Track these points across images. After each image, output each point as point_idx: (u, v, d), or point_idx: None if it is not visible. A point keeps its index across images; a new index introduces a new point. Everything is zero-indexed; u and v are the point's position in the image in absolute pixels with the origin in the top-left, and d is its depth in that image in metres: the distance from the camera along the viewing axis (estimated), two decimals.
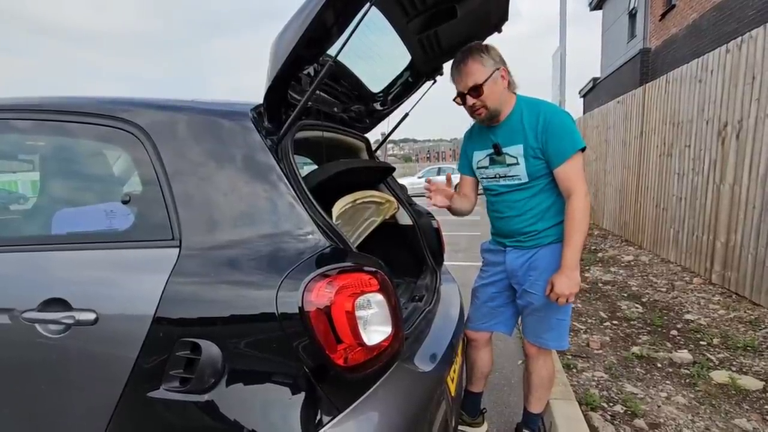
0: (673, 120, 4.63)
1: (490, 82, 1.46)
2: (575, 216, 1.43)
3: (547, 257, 1.54)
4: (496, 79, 1.47)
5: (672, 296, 3.65)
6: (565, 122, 1.46)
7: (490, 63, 1.47)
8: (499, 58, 1.50)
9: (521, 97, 1.57)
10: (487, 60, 1.47)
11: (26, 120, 1.21)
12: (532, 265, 1.57)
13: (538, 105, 1.51)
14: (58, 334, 1.01)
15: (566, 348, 1.63)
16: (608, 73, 14.22)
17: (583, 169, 1.45)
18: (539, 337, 1.61)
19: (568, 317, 1.61)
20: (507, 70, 1.51)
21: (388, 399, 1.02)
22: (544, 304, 1.54)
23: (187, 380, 0.94)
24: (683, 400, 2.10)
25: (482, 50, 1.48)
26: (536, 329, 1.61)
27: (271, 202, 1.06)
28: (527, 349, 1.68)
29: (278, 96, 1.19)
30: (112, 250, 1.08)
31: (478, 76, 1.46)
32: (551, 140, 1.44)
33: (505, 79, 1.50)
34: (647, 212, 5.35)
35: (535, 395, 1.71)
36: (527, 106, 1.52)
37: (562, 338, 1.60)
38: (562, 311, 1.57)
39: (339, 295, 0.94)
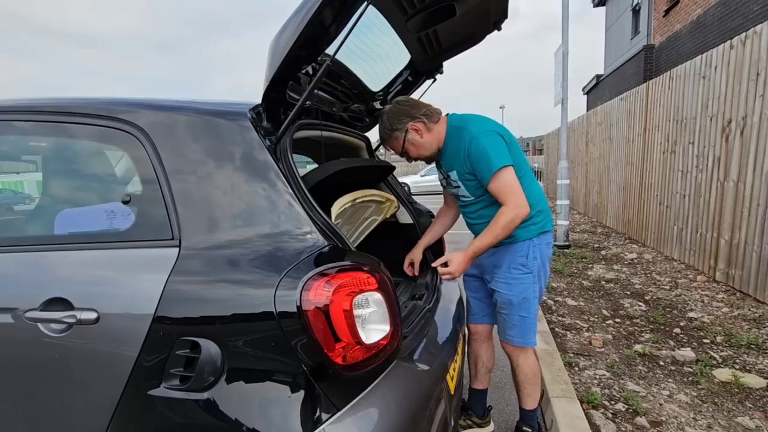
0: (677, 117, 4.60)
1: (408, 144, 1.60)
2: (499, 218, 1.48)
3: (506, 255, 1.63)
4: (411, 139, 1.60)
5: (675, 294, 3.64)
6: (481, 147, 1.49)
7: (397, 133, 1.60)
8: (403, 118, 1.58)
9: (452, 119, 1.63)
10: (393, 133, 1.60)
11: (28, 121, 1.22)
12: (495, 263, 1.66)
13: (462, 131, 1.56)
14: (60, 333, 1.02)
15: (532, 345, 1.67)
16: (611, 70, 14.13)
17: (512, 183, 1.48)
18: (506, 334, 1.68)
19: (532, 315, 1.64)
20: (418, 118, 1.57)
21: (387, 397, 1.03)
22: (506, 301, 1.63)
23: (187, 378, 0.95)
24: (686, 398, 2.09)
25: (387, 127, 1.60)
26: (503, 326, 1.68)
27: (269, 202, 1.06)
28: (503, 346, 1.73)
29: (277, 95, 1.20)
30: (112, 249, 1.09)
31: (397, 144, 1.63)
32: (474, 166, 1.53)
33: (418, 130, 1.59)
34: (651, 210, 5.32)
35: (524, 392, 1.74)
36: (455, 131, 1.59)
37: (525, 335, 1.65)
38: (525, 309, 1.62)
39: (337, 293, 0.94)
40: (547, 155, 15.69)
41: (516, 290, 1.61)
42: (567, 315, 3.27)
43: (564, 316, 3.24)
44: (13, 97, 1.29)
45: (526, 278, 1.61)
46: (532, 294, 1.62)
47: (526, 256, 1.61)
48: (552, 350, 2.54)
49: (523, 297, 1.61)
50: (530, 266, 1.61)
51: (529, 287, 1.61)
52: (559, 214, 5.80)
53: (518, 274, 1.61)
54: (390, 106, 1.64)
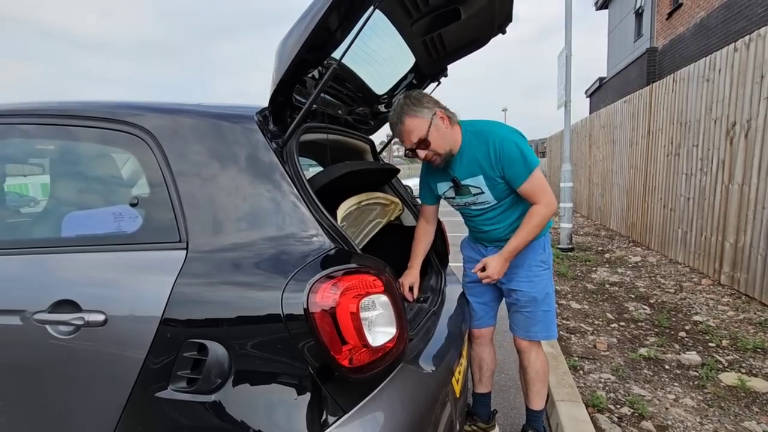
0: (681, 119, 4.59)
1: (433, 130, 1.47)
2: (533, 217, 1.50)
3: (525, 254, 1.62)
4: (438, 125, 1.48)
5: (680, 297, 3.62)
6: (515, 147, 1.47)
7: (426, 112, 1.47)
8: (432, 103, 1.51)
9: (466, 125, 1.58)
10: (421, 111, 1.47)
11: (35, 124, 1.23)
12: (513, 263, 1.62)
13: (485, 134, 1.52)
14: (69, 335, 1.02)
15: (555, 337, 1.72)
16: (615, 73, 14.11)
17: (543, 181, 1.51)
18: (528, 331, 1.68)
19: (553, 308, 1.68)
20: (443, 109, 1.52)
21: (393, 400, 1.03)
22: (530, 299, 1.64)
23: (194, 381, 0.95)
24: (692, 402, 2.08)
25: (414, 103, 1.47)
26: (525, 324, 1.68)
27: (276, 205, 1.07)
28: (518, 344, 1.73)
29: (283, 99, 1.20)
30: (120, 252, 1.09)
31: (420, 130, 1.47)
32: (507, 168, 1.50)
33: (444, 119, 1.51)
34: (655, 213, 5.30)
35: (533, 390, 1.74)
36: (474, 136, 1.54)
37: (549, 329, 1.67)
38: (547, 303, 1.65)
39: (344, 296, 0.94)
40: (549, 158, 15.67)
41: (539, 287, 1.63)
42: (571, 318, 3.26)
43: (568, 320, 3.23)
44: (20, 101, 1.30)
45: (545, 273, 1.65)
46: (551, 288, 1.67)
47: (544, 251, 1.65)
48: (557, 353, 2.53)
49: (546, 292, 1.64)
50: (548, 261, 1.67)
51: (549, 282, 1.66)
52: (563, 217, 5.79)
53: (539, 271, 1.63)
54: (411, 92, 1.53)
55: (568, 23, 5.67)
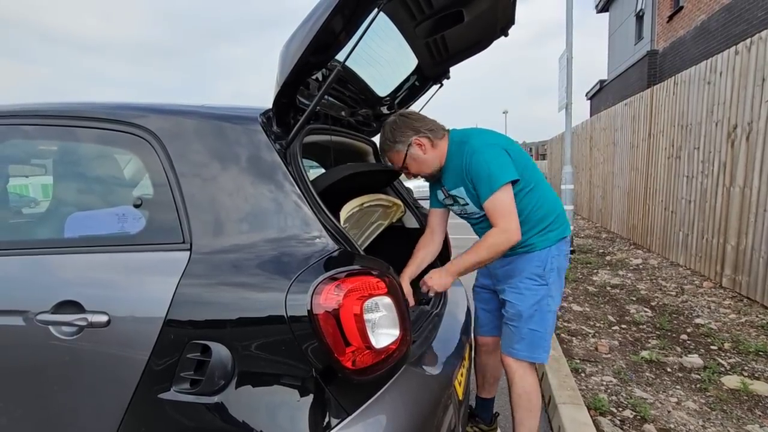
0: (682, 122, 4.60)
1: (409, 159, 1.53)
2: (485, 240, 1.44)
3: (521, 265, 1.54)
4: (413, 154, 1.53)
5: (682, 300, 3.61)
6: (482, 162, 1.43)
7: (400, 146, 1.52)
8: (410, 131, 1.51)
9: (453, 135, 1.57)
10: (395, 145, 1.53)
11: (39, 125, 1.24)
12: (509, 273, 1.57)
13: (463, 146, 1.50)
14: (71, 336, 1.02)
15: (541, 362, 1.55)
16: (615, 76, 14.14)
17: (506, 204, 1.42)
18: (511, 347, 1.55)
19: (543, 330, 1.51)
20: (421, 133, 1.51)
21: (396, 402, 1.02)
22: (516, 313, 1.53)
23: (198, 382, 0.95)
24: (694, 405, 2.07)
25: (389, 138, 1.53)
26: (510, 338, 1.56)
27: (279, 206, 1.07)
28: (503, 359, 1.60)
29: (287, 101, 1.20)
30: (123, 253, 1.09)
31: (397, 160, 1.56)
32: (475, 183, 1.47)
33: (422, 146, 1.52)
34: (656, 215, 5.30)
35: (516, 416, 1.58)
36: (457, 147, 1.53)
37: (534, 350, 1.52)
38: (536, 322, 1.50)
39: (347, 298, 0.94)
40: (550, 160, 15.68)
41: (528, 301, 1.51)
42: (572, 321, 3.25)
43: (569, 322, 3.22)
44: (23, 102, 1.30)
45: (540, 290, 1.51)
46: (546, 307, 1.51)
47: (543, 267, 1.52)
48: (558, 356, 2.53)
49: (534, 309, 1.50)
50: (547, 278, 1.51)
51: (543, 299, 1.51)
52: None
53: (532, 284, 1.51)
54: (394, 117, 1.57)
55: (569, 26, 5.68)
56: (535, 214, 1.52)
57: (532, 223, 1.52)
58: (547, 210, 1.53)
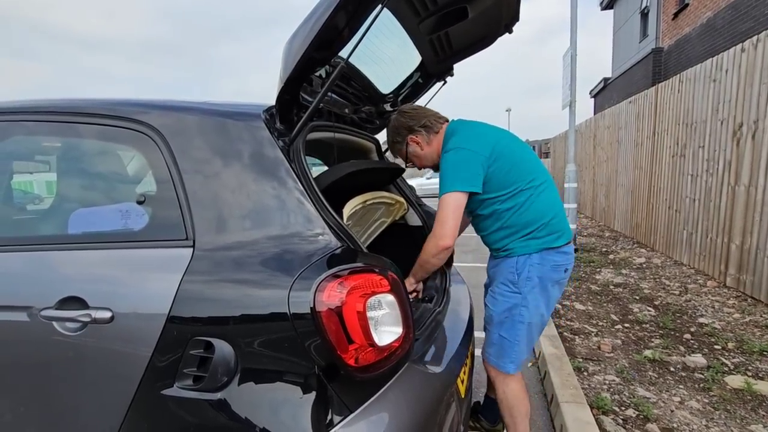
0: (687, 120, 4.56)
1: (410, 155, 1.65)
2: (424, 250, 1.49)
3: (500, 269, 1.53)
4: (412, 151, 1.63)
5: (685, 299, 3.60)
6: (444, 163, 1.46)
7: (399, 144, 1.65)
8: (403, 130, 1.61)
9: (451, 126, 1.60)
10: (395, 144, 1.66)
11: (41, 122, 1.24)
12: (494, 274, 1.59)
13: (446, 143, 1.53)
14: (75, 332, 1.02)
15: (506, 371, 1.51)
16: (619, 73, 14.05)
17: (446, 210, 1.39)
18: (485, 349, 1.59)
19: (514, 339, 1.47)
20: (417, 130, 1.59)
21: (399, 400, 1.02)
22: (488, 316, 1.57)
23: (200, 378, 0.95)
24: (697, 404, 2.07)
25: (390, 140, 1.67)
26: (485, 341, 1.59)
27: (283, 203, 1.06)
28: (484, 364, 1.62)
29: (290, 97, 1.20)
30: (127, 249, 1.09)
31: (402, 156, 1.69)
32: None
33: (418, 143, 1.61)
34: (660, 214, 5.27)
35: (505, 421, 1.59)
36: (446, 141, 1.56)
37: (501, 357, 1.50)
38: (506, 329, 1.48)
39: (350, 295, 0.94)
40: (553, 158, 15.61)
41: (499, 307, 1.49)
42: (575, 319, 3.24)
43: (572, 321, 3.21)
44: (26, 98, 1.30)
45: (513, 297, 1.46)
46: (518, 317, 1.46)
47: (517, 274, 1.46)
48: (561, 354, 2.52)
49: (505, 316, 1.47)
50: (520, 286, 1.45)
51: (514, 308, 1.46)
52: (567, 218, 5.76)
53: (505, 290, 1.48)
54: (394, 116, 1.65)
55: (573, 23, 5.64)
56: (518, 218, 1.45)
57: (513, 228, 1.46)
58: (534, 216, 1.44)
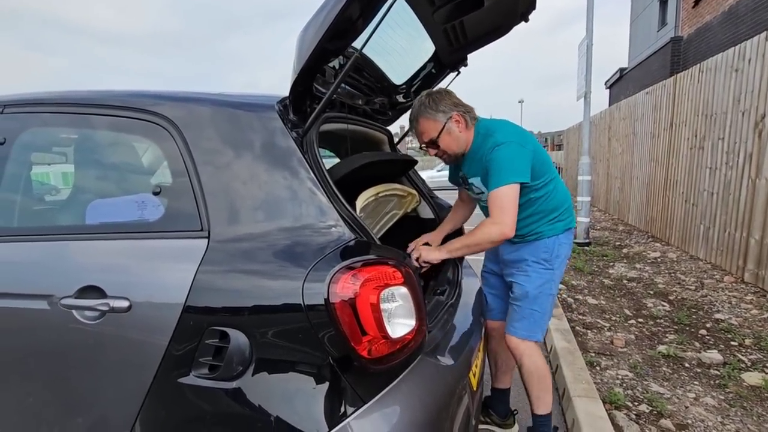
0: (706, 111, 4.44)
1: (444, 134, 1.54)
2: (479, 229, 1.46)
3: (531, 249, 1.61)
4: (450, 129, 1.54)
5: (701, 295, 3.54)
6: (503, 155, 1.45)
7: (440, 116, 1.53)
8: (451, 105, 1.53)
9: (480, 126, 1.58)
10: (436, 114, 1.53)
11: (57, 113, 1.25)
12: (519, 257, 1.64)
13: (489, 136, 1.52)
14: (94, 321, 1.04)
15: (537, 340, 1.63)
16: (636, 64, 13.72)
17: (508, 201, 1.43)
18: (511, 325, 1.64)
19: (542, 311, 1.60)
20: (461, 111, 1.54)
21: (411, 392, 1.02)
22: (522, 293, 1.61)
23: (216, 368, 0.96)
24: (713, 401, 2.04)
25: (430, 106, 1.53)
26: (512, 318, 1.64)
27: (296, 195, 1.06)
28: (507, 342, 1.67)
29: (303, 88, 1.19)
30: (143, 240, 1.11)
31: (432, 132, 1.55)
32: (489, 171, 1.49)
33: (460, 123, 1.55)
34: (676, 207, 5.17)
35: (531, 395, 1.66)
36: (483, 138, 1.55)
37: (533, 329, 1.60)
38: (539, 303, 1.59)
39: (364, 287, 0.94)
40: (566, 151, 15.38)
41: (534, 283, 1.59)
42: (588, 314, 3.21)
43: (584, 315, 3.18)
44: (40, 90, 1.32)
45: (546, 273, 1.60)
46: (548, 290, 1.61)
47: (550, 252, 1.61)
48: (573, 349, 2.50)
49: (539, 291, 1.59)
50: (553, 263, 1.61)
51: (547, 283, 1.60)
52: (580, 211, 5.69)
53: (539, 268, 1.60)
54: (436, 90, 1.59)
55: (589, 12, 5.51)
56: (547, 204, 1.59)
57: (543, 213, 1.60)
58: (558, 202, 1.61)
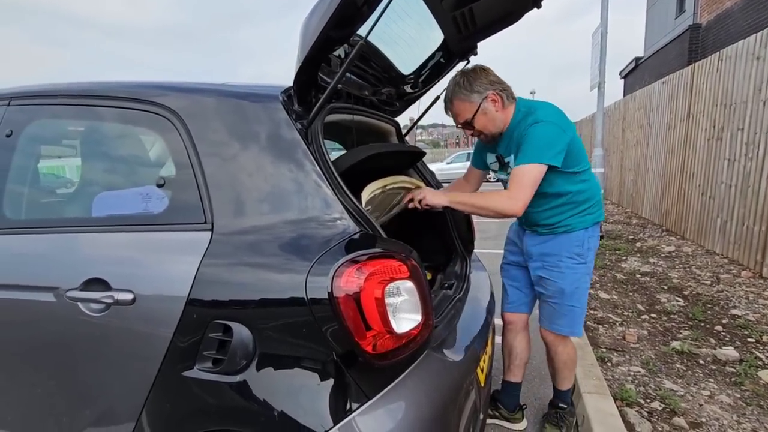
0: (725, 101, 4.31)
1: (480, 114, 1.51)
2: (491, 195, 1.43)
3: (560, 244, 1.59)
4: (486, 109, 1.50)
5: (717, 290, 3.45)
6: (540, 133, 1.41)
7: (475, 96, 1.49)
8: (486, 84, 1.49)
9: (521, 105, 1.55)
10: (471, 95, 1.49)
11: (61, 105, 1.25)
12: (547, 251, 1.61)
13: (530, 115, 1.48)
14: (99, 313, 1.04)
15: (579, 335, 1.68)
16: (652, 52, 13.36)
17: (529, 179, 1.40)
18: (553, 323, 1.65)
19: (581, 305, 1.62)
20: (499, 89, 1.50)
21: (417, 387, 1.01)
22: (557, 290, 1.59)
23: (220, 361, 0.96)
24: (728, 399, 1.99)
25: (464, 86, 1.49)
26: (551, 316, 1.65)
27: (301, 187, 1.05)
28: (544, 335, 1.71)
29: (308, 78, 1.17)
30: (147, 232, 1.10)
31: (466, 113, 1.52)
32: (521, 145, 1.45)
33: (497, 102, 1.50)
34: (692, 200, 5.05)
35: (561, 375, 1.76)
36: (524, 116, 1.51)
37: (574, 325, 1.63)
38: (575, 299, 1.59)
39: (368, 281, 0.92)
40: None
41: (569, 279, 1.57)
42: (599, 308, 3.16)
43: (596, 309, 3.13)
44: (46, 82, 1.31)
45: (580, 268, 1.58)
46: (584, 284, 1.61)
47: (582, 246, 1.58)
48: (584, 344, 2.46)
49: (575, 287, 1.57)
50: (585, 256, 1.59)
51: (582, 277, 1.59)
52: None
53: (572, 263, 1.57)
54: (473, 66, 1.56)
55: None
56: (579, 196, 1.56)
57: (574, 204, 1.56)
58: (590, 194, 1.59)
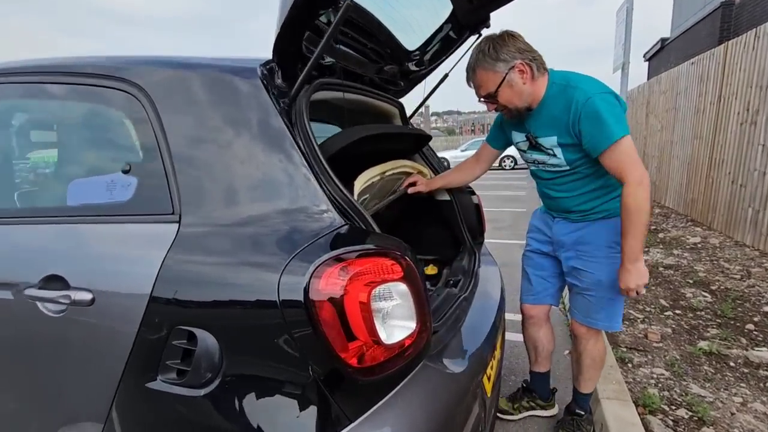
0: (761, 82, 3.99)
1: (505, 86, 1.34)
2: (627, 207, 1.27)
3: (597, 232, 1.45)
4: (512, 80, 1.33)
5: (747, 285, 3.22)
6: (599, 109, 1.25)
7: (501, 66, 1.32)
8: (514, 52, 1.32)
9: (555, 77, 1.38)
10: (496, 64, 1.32)
11: (16, 84, 1.13)
12: (582, 239, 1.48)
13: (570, 89, 1.31)
14: (57, 314, 0.94)
15: (618, 329, 1.54)
16: (680, 32, 12.70)
17: (631, 153, 1.26)
18: (589, 317, 1.52)
19: (621, 298, 1.47)
20: (528, 58, 1.33)
21: (411, 405, 0.88)
22: (595, 282, 1.46)
23: (184, 372, 0.84)
24: (763, 407, 1.81)
25: (489, 53, 1.33)
26: (587, 309, 1.51)
27: (280, 174, 0.92)
28: (576, 329, 1.58)
29: (291, 48, 1.02)
30: (109, 224, 0.99)
31: (489, 84, 1.36)
32: (585, 134, 1.29)
33: (525, 73, 1.33)
34: (721, 189, 4.75)
35: (585, 376, 1.62)
36: (560, 90, 1.34)
37: (613, 319, 1.50)
38: (615, 290, 1.43)
39: (353, 283, 0.79)
40: None
41: (607, 269, 1.43)
42: None
43: None
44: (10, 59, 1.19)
45: (618, 257, 1.40)
46: None
47: (618, 233, 1.40)
48: None
49: (614, 277, 1.41)
50: None
51: None
52: None
53: (611, 253, 1.42)
54: (500, 32, 1.37)
55: None
56: (612, 180, 1.37)
57: (612, 188, 1.42)
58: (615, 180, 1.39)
